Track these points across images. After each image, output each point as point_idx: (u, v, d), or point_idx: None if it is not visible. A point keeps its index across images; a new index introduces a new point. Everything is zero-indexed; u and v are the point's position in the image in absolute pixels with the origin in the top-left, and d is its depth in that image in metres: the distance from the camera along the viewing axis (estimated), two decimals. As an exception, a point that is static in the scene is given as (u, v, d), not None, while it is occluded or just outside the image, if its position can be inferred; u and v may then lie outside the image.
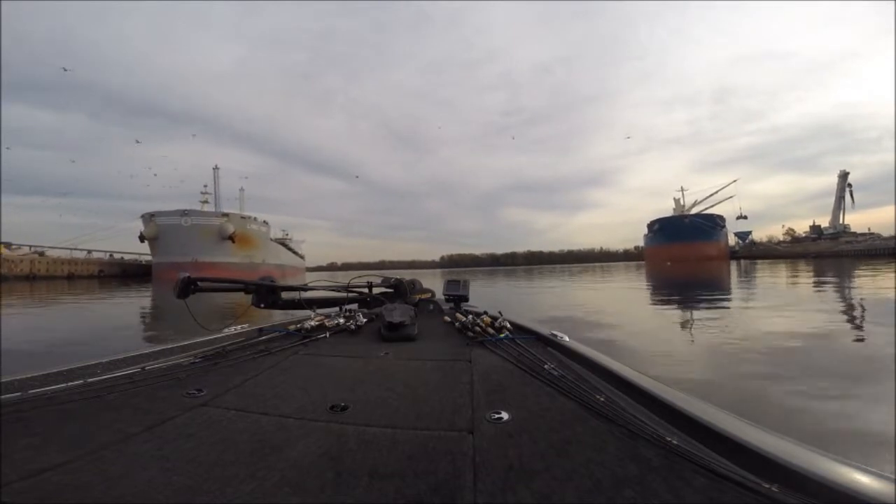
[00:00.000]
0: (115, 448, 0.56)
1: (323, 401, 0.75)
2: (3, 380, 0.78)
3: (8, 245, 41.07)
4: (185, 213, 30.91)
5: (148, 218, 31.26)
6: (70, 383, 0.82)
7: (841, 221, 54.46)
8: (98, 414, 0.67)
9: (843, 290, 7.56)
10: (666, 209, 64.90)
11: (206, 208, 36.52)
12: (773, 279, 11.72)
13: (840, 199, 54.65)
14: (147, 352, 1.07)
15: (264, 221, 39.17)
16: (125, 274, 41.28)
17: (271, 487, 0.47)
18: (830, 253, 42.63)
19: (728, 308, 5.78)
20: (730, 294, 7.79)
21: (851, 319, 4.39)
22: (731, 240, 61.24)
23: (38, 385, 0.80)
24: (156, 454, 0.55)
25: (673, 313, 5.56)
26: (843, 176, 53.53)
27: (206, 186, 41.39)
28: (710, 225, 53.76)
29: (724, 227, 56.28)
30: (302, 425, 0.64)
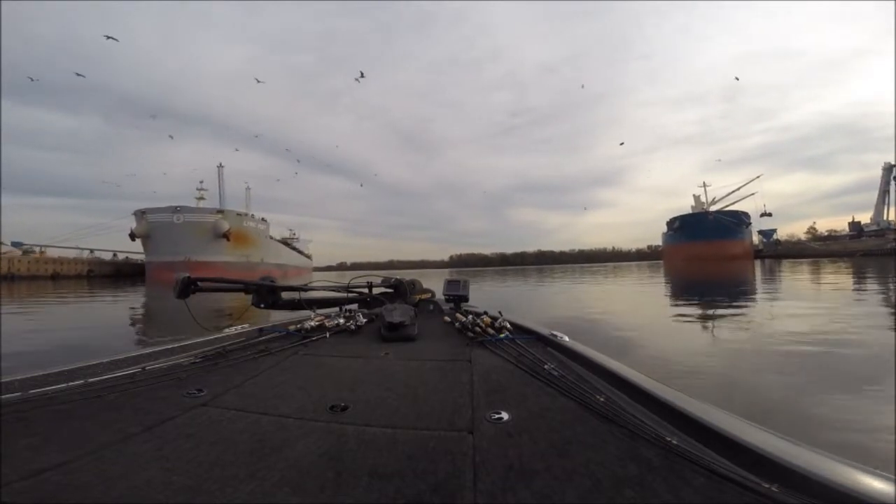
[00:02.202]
0: (115, 448, 0.58)
1: (323, 401, 0.78)
2: (3, 380, 0.81)
3: (19, 245, 41.63)
4: (177, 209, 30.80)
5: (140, 215, 31.28)
6: (70, 383, 0.85)
7: (885, 217, 52.88)
8: (98, 414, 0.70)
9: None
10: (678, 208, 64.37)
11: (204, 205, 36.39)
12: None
13: (884, 192, 53.10)
14: (147, 352, 1.11)
15: (262, 219, 39.01)
16: (119, 274, 41.39)
17: (271, 487, 0.49)
18: (881, 251, 40.67)
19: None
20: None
21: None
22: (755, 238, 60.20)
23: (38, 385, 0.83)
24: (156, 454, 0.57)
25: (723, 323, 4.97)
26: (889, 169, 51.93)
27: (202, 182, 41.27)
28: (735, 222, 52.74)
29: (749, 224, 55.40)
30: (302, 425, 0.67)
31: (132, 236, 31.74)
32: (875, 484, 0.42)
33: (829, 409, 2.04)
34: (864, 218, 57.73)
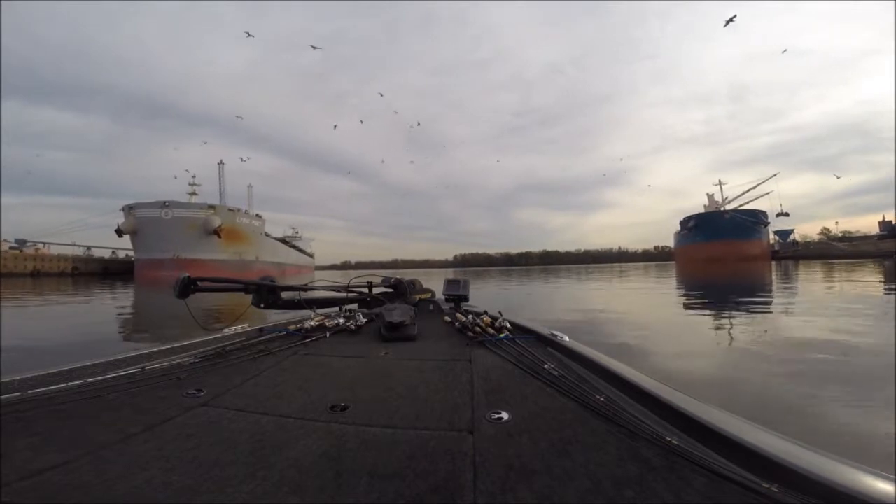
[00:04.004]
0: (115, 448, 0.61)
1: (323, 401, 0.81)
2: (2, 380, 0.85)
3: (23, 242, 41.70)
4: (165, 204, 30.78)
5: (128, 210, 31.25)
6: (70, 383, 0.89)
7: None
8: (98, 414, 0.73)
9: None
10: (685, 209, 64.21)
11: (196, 201, 36.27)
12: None
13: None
14: (147, 352, 1.14)
15: (257, 215, 38.95)
16: (107, 272, 41.27)
17: (271, 487, 0.51)
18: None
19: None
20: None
21: None
22: (771, 238, 59.66)
23: (37, 385, 0.87)
24: (156, 454, 0.59)
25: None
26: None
27: (194, 177, 41.05)
28: (753, 221, 52.60)
29: (768, 224, 55.20)
30: (302, 425, 0.70)
31: (119, 232, 31.57)
32: (875, 484, 0.44)
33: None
34: (877, 219, 56.98)
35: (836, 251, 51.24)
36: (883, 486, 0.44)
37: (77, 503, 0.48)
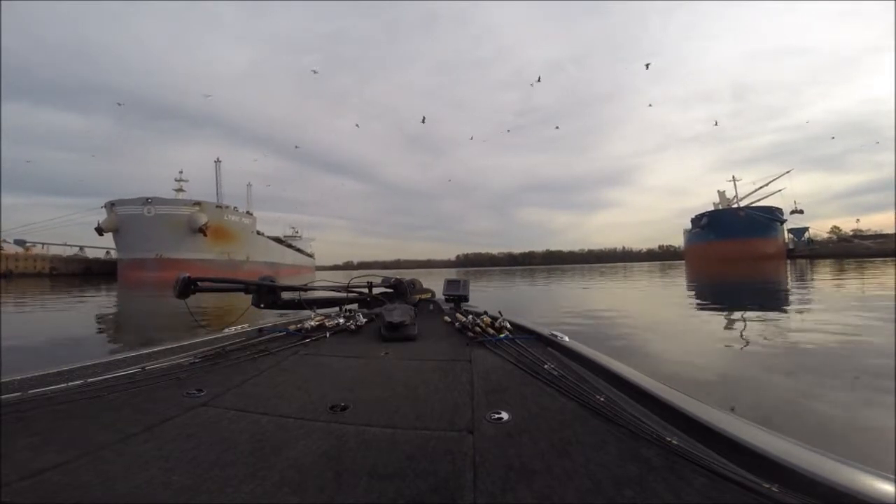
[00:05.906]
0: (115, 448, 0.63)
1: (323, 401, 0.84)
2: (3, 380, 0.88)
3: (22, 243, 41.82)
4: (147, 200, 30.56)
5: (109, 207, 31.03)
6: (70, 383, 0.92)
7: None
8: (98, 414, 0.76)
9: None
10: (690, 208, 64.03)
11: (184, 198, 35.89)
12: None
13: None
14: (147, 352, 1.18)
15: (247, 212, 38.77)
16: (89, 272, 41.00)
17: (271, 487, 0.53)
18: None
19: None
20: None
21: None
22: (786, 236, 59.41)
23: (37, 385, 0.90)
24: (156, 454, 0.61)
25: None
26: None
27: (181, 173, 40.67)
28: (769, 219, 52.39)
29: (784, 221, 55.04)
30: (302, 425, 0.73)
31: (99, 231, 31.24)
32: (875, 484, 0.46)
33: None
34: (881, 217, 56.84)
35: (861, 249, 49.79)
36: (883, 486, 0.45)
37: (77, 503, 0.49)
